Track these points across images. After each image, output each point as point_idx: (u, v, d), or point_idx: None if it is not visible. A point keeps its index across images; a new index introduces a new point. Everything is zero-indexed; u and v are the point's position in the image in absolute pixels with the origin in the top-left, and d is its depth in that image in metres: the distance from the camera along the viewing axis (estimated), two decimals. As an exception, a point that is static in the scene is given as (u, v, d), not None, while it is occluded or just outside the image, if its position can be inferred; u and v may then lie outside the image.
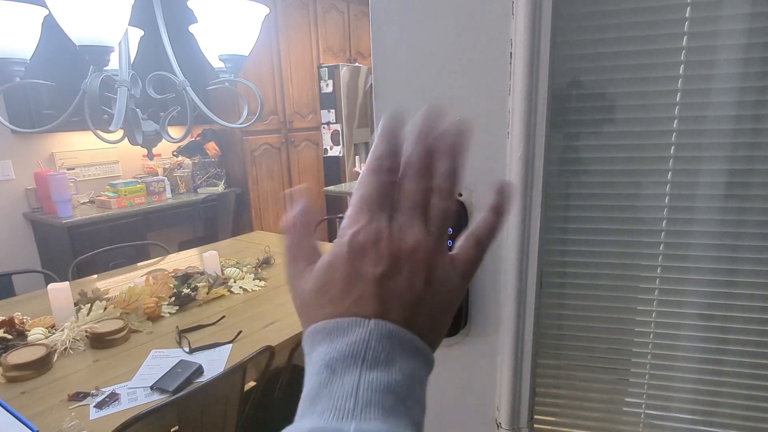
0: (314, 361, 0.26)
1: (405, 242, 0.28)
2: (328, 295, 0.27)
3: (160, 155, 3.89)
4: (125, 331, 1.55)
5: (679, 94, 0.48)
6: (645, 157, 0.51)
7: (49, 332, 1.55)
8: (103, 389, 1.27)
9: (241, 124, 1.61)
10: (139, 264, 2.38)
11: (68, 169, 3.38)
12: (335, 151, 4.55)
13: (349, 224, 0.28)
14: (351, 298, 0.27)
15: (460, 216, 0.51)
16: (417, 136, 0.29)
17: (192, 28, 1.50)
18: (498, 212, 0.30)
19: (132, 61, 1.45)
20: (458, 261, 0.30)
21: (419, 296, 0.28)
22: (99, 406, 1.20)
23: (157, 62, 2.35)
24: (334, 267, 0.28)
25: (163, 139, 1.56)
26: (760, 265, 0.50)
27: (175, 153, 4.00)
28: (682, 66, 0.48)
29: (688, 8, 0.46)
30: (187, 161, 3.94)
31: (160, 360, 1.41)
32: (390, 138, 0.29)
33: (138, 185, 3.39)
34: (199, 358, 1.42)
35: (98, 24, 1.18)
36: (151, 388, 1.27)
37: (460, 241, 0.30)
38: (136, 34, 1.56)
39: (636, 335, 0.56)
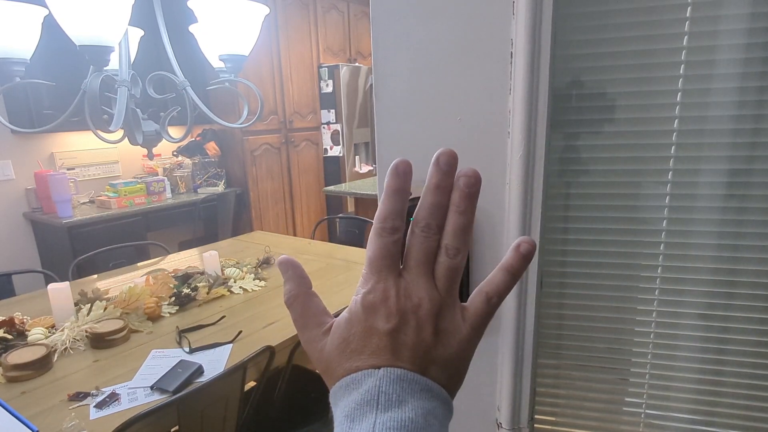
0: (337, 416, 0.29)
1: (410, 299, 0.30)
2: (348, 350, 0.30)
3: (160, 155, 3.89)
4: (125, 331, 1.55)
5: (679, 94, 0.48)
6: (645, 157, 0.51)
7: (49, 332, 1.55)
8: (103, 389, 1.27)
9: (241, 124, 1.61)
10: (139, 264, 2.38)
11: (68, 169, 3.38)
12: (335, 151, 4.55)
13: (362, 284, 0.31)
14: (368, 351, 0.30)
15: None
16: (426, 188, 0.30)
17: (192, 28, 1.50)
18: (511, 273, 0.30)
19: (132, 61, 1.45)
20: (468, 313, 0.31)
21: (428, 346, 0.30)
22: (99, 406, 1.20)
23: (157, 62, 2.35)
24: (351, 324, 0.31)
25: (163, 139, 1.56)
26: (760, 265, 0.50)
27: (175, 153, 4.00)
28: (682, 66, 0.48)
29: (689, 8, 0.46)
30: (187, 161, 3.94)
31: (160, 360, 1.41)
32: (393, 196, 0.30)
33: (138, 185, 3.39)
34: (199, 358, 1.42)
35: (98, 24, 1.18)
36: (151, 388, 1.27)
37: (472, 295, 0.32)
38: (136, 34, 1.56)
39: (636, 335, 0.56)
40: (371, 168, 4.72)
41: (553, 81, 0.49)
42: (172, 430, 1.22)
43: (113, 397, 1.23)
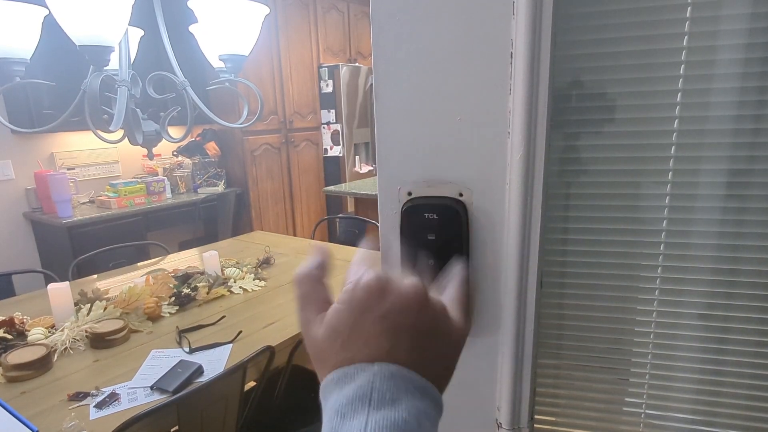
0: (327, 411, 0.28)
1: (404, 289, 0.30)
2: (339, 341, 0.29)
3: (160, 155, 3.89)
4: (125, 331, 1.55)
5: (679, 94, 0.48)
6: (645, 157, 0.51)
7: (49, 332, 1.55)
8: (103, 389, 1.27)
9: (241, 124, 1.61)
10: (139, 264, 2.38)
11: (68, 169, 3.38)
12: (335, 151, 4.55)
13: (352, 274, 0.31)
14: (359, 342, 0.29)
15: (460, 216, 0.51)
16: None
17: (192, 28, 1.50)
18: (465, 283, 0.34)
19: (132, 61, 1.45)
20: (455, 311, 0.33)
21: (420, 341, 0.30)
22: (99, 406, 1.20)
23: (157, 62, 2.35)
24: (341, 314, 0.30)
25: (163, 139, 1.56)
26: (761, 265, 0.50)
27: (175, 153, 4.00)
28: (682, 66, 0.48)
29: (689, 8, 0.46)
30: (187, 161, 3.94)
31: (160, 360, 1.41)
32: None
33: (138, 185, 3.39)
34: (199, 358, 1.42)
35: (98, 24, 1.18)
36: (151, 388, 1.27)
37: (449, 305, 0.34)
38: (136, 34, 1.56)
39: (636, 335, 0.56)
40: (371, 168, 4.72)
41: (553, 81, 0.49)
42: (172, 430, 1.22)
43: (113, 397, 1.23)
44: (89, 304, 1.64)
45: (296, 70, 4.22)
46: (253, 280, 2.01)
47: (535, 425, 0.59)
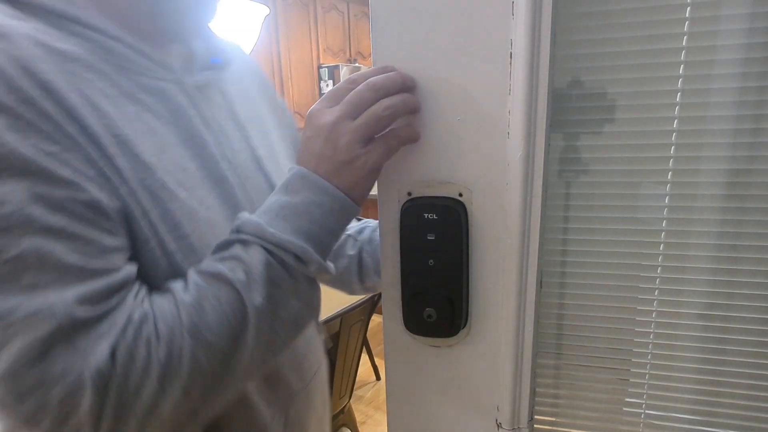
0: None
1: (324, 118, 0.45)
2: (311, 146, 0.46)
3: (160, 155, 3.88)
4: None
5: (679, 94, 0.48)
6: (645, 157, 0.51)
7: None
8: (103, 389, 1.26)
9: (241, 124, 1.60)
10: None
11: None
12: (335, 151, 4.55)
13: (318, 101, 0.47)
14: (307, 154, 0.46)
15: (460, 216, 0.51)
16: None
17: (192, 28, 1.50)
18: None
19: (132, 61, 1.45)
20: (374, 144, 0.46)
21: (330, 156, 0.44)
22: (99, 406, 1.19)
23: (157, 62, 2.35)
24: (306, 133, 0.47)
25: (163, 139, 1.56)
26: (760, 265, 0.50)
27: (175, 153, 3.99)
28: (682, 66, 0.48)
29: (688, 8, 0.46)
30: (187, 161, 3.94)
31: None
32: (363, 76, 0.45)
33: (138, 185, 3.38)
34: (199, 358, 1.42)
35: (98, 24, 1.18)
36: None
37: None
38: (136, 34, 1.56)
39: (636, 335, 0.56)
40: (371, 168, 4.72)
41: (553, 81, 0.49)
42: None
43: (113, 397, 1.23)
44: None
45: (296, 70, 4.22)
46: (253, 280, 2.01)
47: (535, 425, 0.60)
